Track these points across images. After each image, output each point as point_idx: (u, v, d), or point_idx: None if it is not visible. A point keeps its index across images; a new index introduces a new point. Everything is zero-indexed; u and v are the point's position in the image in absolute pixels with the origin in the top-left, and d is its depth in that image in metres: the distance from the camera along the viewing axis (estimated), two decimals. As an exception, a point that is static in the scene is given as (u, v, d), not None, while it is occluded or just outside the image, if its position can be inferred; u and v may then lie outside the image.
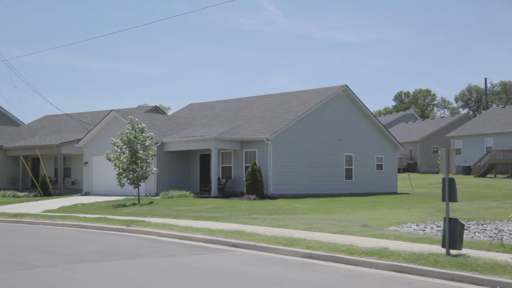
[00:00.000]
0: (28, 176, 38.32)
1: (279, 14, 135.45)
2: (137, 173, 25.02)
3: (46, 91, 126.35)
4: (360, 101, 34.83)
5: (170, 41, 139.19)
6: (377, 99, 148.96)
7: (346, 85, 34.04)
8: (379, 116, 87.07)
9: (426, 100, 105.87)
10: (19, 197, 32.58)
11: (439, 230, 17.31)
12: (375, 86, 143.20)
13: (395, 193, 35.76)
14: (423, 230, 17.86)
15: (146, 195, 28.90)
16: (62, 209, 24.22)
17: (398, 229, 17.93)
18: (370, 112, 36.04)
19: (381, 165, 36.39)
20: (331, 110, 33.19)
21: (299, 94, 35.48)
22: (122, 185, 25.26)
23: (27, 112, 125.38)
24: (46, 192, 32.99)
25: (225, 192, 28.86)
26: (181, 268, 10.64)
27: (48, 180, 33.88)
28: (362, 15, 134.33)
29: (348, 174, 33.83)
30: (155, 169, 26.51)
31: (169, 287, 9.01)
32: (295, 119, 30.52)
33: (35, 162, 38.78)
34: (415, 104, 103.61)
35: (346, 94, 34.35)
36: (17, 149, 38.07)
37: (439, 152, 12.36)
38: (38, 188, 33.47)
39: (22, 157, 37.98)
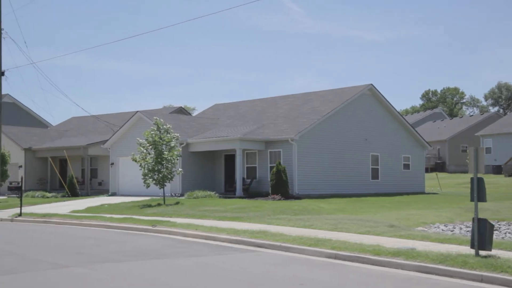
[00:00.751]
0: (56, 177, 38.94)
1: (302, 14, 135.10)
2: (162, 174, 25.17)
3: (73, 93, 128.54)
4: (386, 100, 34.44)
5: (194, 42, 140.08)
6: (403, 98, 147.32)
7: (371, 84, 33.70)
8: (406, 115, 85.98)
9: (455, 99, 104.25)
10: (48, 197, 33.15)
11: (468, 231, 16.96)
12: (402, 85, 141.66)
13: (423, 193, 35.25)
14: (452, 231, 17.53)
15: (172, 196, 29.06)
16: (89, 210, 24.51)
17: (426, 229, 17.62)
18: (397, 111, 35.61)
19: (408, 164, 35.92)
20: (356, 109, 32.89)
21: (323, 94, 35.26)
22: (147, 186, 25.44)
23: (54, 114, 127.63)
24: (73, 193, 33.47)
25: (250, 192, 28.83)
26: (205, 268, 10.62)
27: (75, 180, 34.36)
28: (386, 13, 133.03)
29: (374, 174, 33.47)
30: (180, 169, 26.63)
31: (193, 287, 8.98)
32: (320, 118, 30.33)
33: (62, 163, 39.40)
34: (443, 102, 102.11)
35: (371, 93, 34.00)
36: (45, 150, 38.74)
37: (467, 151, 12.10)
38: (66, 188, 33.98)
39: (50, 158, 38.64)
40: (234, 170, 30.25)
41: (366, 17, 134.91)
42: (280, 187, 26.56)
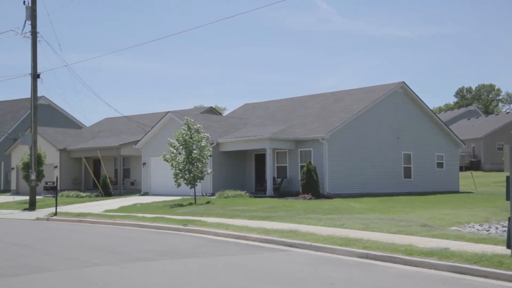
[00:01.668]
0: (90, 177, 39.65)
1: (333, 12, 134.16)
2: (193, 173, 25.34)
3: (106, 94, 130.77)
4: (419, 98, 33.92)
5: (224, 43, 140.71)
6: (436, 95, 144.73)
7: (403, 82, 33.23)
8: (439, 113, 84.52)
9: (490, 96, 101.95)
10: (82, 197, 33.80)
11: (504, 231, 16.55)
12: (435, 82, 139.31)
13: (457, 192, 34.59)
14: (487, 231, 17.13)
15: (203, 195, 29.24)
16: (122, 209, 24.87)
17: (460, 229, 17.26)
18: (429, 109, 35.05)
19: (442, 163, 35.29)
20: (388, 107, 32.48)
21: (354, 92, 34.94)
22: (178, 185, 25.66)
23: (88, 115, 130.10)
24: (107, 192, 34.01)
25: (281, 192, 28.78)
26: (235, 268, 10.64)
27: (108, 180, 34.92)
28: (417, 9, 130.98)
29: (407, 173, 32.99)
30: (210, 170, 26.79)
31: (223, 286, 9.01)
32: (351, 117, 30.05)
33: (96, 163, 40.11)
34: (478, 100, 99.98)
35: (403, 91, 33.53)
36: (79, 151, 39.49)
37: (503, 149, 11.81)
38: (100, 188, 34.57)
39: (84, 159, 39.39)
40: (265, 170, 30.25)
41: (397, 14, 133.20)
42: (311, 186, 26.42)
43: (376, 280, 9.54)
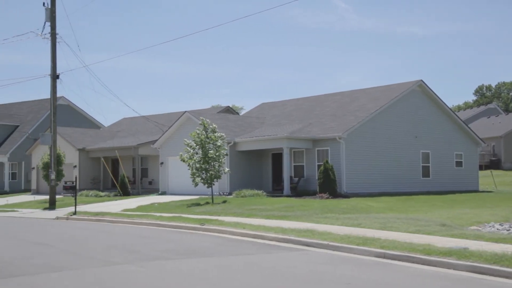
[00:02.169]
0: (108, 177, 40.03)
1: (350, 10, 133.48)
2: (209, 173, 25.44)
3: (124, 94, 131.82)
4: (437, 96, 33.60)
5: (241, 42, 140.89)
6: (455, 94, 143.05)
7: (421, 80, 32.96)
8: (458, 111, 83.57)
9: (510, 93, 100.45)
10: (101, 196, 34.14)
11: (524, 230, 16.29)
12: (453, 80, 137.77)
13: (476, 191, 34.18)
14: (508, 230, 16.89)
15: (220, 194, 29.33)
16: (140, 208, 25.06)
17: (480, 228, 17.05)
18: (448, 107, 34.71)
19: (461, 162, 34.92)
20: (405, 106, 32.24)
21: (371, 91, 34.74)
22: (196, 185, 25.79)
23: (106, 115, 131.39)
24: (125, 192, 34.30)
25: (298, 191, 28.74)
26: (253, 267, 10.66)
27: (127, 180, 35.21)
28: (435, 7, 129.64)
29: (425, 172, 32.71)
30: (227, 169, 26.85)
31: (241, 285, 9.04)
32: (368, 116, 29.90)
33: (114, 163, 40.46)
34: (498, 98, 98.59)
35: (421, 90, 33.25)
36: (98, 150, 39.88)
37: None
38: (118, 188, 34.87)
39: (102, 158, 39.78)
40: (282, 169, 30.23)
41: (415, 12, 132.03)
42: (328, 185, 26.34)
43: (394, 279, 9.48)
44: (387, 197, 27.31)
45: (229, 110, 47.67)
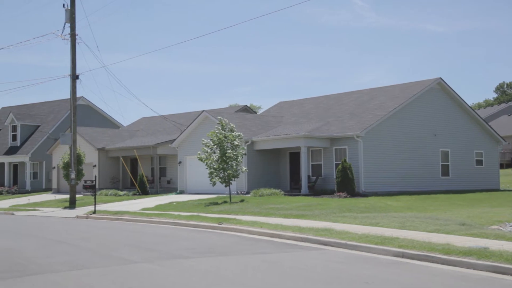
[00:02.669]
0: (127, 176, 40.40)
1: (367, 8, 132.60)
2: (227, 172, 25.52)
3: (142, 94, 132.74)
4: (457, 94, 33.25)
5: (259, 41, 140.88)
6: (475, 91, 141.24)
7: (440, 78, 32.65)
8: (478, 109, 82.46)
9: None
10: (120, 195, 34.46)
11: (546, 230, 16.03)
12: (473, 78, 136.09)
13: (497, 190, 33.75)
14: (529, 230, 16.63)
15: (238, 193, 29.41)
16: (158, 207, 25.25)
17: (501, 228, 16.82)
18: (468, 105, 34.31)
19: (481, 160, 34.51)
20: (424, 104, 31.96)
21: (390, 89, 34.50)
22: (213, 184, 25.89)
23: (125, 114, 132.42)
24: (144, 191, 34.58)
25: (315, 190, 28.68)
26: (270, 266, 10.68)
27: (145, 179, 35.49)
28: (454, 4, 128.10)
29: (445, 171, 32.39)
30: (245, 168, 26.91)
31: (259, 284, 9.06)
32: (386, 114, 29.70)
33: (133, 162, 40.82)
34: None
35: (440, 87, 32.94)
36: (117, 150, 40.26)
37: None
38: (137, 187, 35.17)
39: (121, 158, 40.14)
40: (299, 168, 30.19)
41: (433, 9, 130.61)
42: (346, 184, 26.24)
43: (412, 279, 9.42)
44: (406, 196, 27.11)
45: (247, 109, 47.72)
